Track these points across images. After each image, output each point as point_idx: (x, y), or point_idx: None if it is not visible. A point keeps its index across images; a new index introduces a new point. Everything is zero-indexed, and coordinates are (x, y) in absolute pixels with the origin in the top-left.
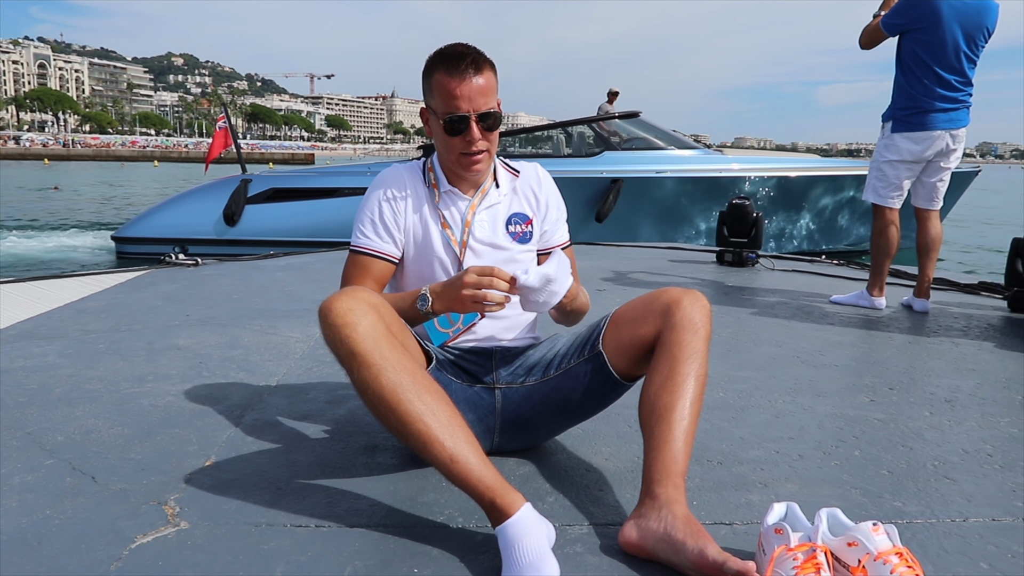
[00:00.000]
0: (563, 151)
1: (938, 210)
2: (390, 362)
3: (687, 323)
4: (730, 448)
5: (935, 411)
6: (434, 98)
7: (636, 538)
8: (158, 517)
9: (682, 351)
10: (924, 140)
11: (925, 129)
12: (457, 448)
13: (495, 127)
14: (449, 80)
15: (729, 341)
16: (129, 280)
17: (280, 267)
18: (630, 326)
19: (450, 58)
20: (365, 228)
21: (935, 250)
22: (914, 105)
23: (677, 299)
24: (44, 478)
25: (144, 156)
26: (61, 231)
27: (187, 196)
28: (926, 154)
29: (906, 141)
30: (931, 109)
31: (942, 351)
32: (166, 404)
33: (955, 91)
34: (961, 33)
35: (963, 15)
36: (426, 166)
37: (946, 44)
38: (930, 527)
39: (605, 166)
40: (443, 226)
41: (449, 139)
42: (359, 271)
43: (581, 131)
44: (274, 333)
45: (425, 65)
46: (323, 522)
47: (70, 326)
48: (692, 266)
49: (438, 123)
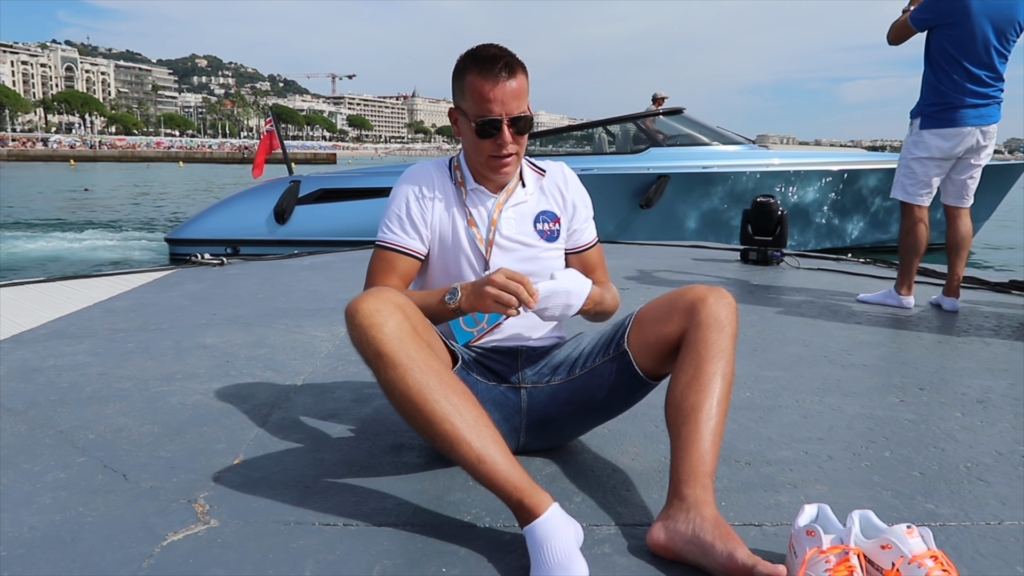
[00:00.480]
0: (606, 148)
1: (968, 208)
2: (416, 363)
3: (713, 321)
4: (758, 448)
5: (967, 412)
6: (466, 99)
7: (664, 540)
8: (188, 515)
9: (708, 349)
10: (954, 137)
11: (955, 125)
12: (484, 448)
13: (526, 131)
14: (483, 83)
15: (755, 340)
16: (156, 280)
17: (304, 266)
18: (655, 324)
19: (484, 60)
20: (392, 224)
21: (965, 248)
22: (943, 101)
23: (702, 297)
24: (76, 475)
25: (169, 157)
26: (111, 230)
27: (238, 198)
28: (956, 151)
29: (935, 138)
30: (961, 105)
31: (973, 351)
32: (194, 403)
33: (985, 87)
34: (991, 27)
35: (993, 9)
36: (452, 164)
37: (975, 39)
38: (964, 530)
39: (651, 162)
40: (470, 223)
41: (480, 142)
42: (385, 267)
43: (626, 128)
44: (299, 332)
45: (457, 65)
46: (351, 521)
47: (99, 325)
48: (716, 264)
49: (469, 125)
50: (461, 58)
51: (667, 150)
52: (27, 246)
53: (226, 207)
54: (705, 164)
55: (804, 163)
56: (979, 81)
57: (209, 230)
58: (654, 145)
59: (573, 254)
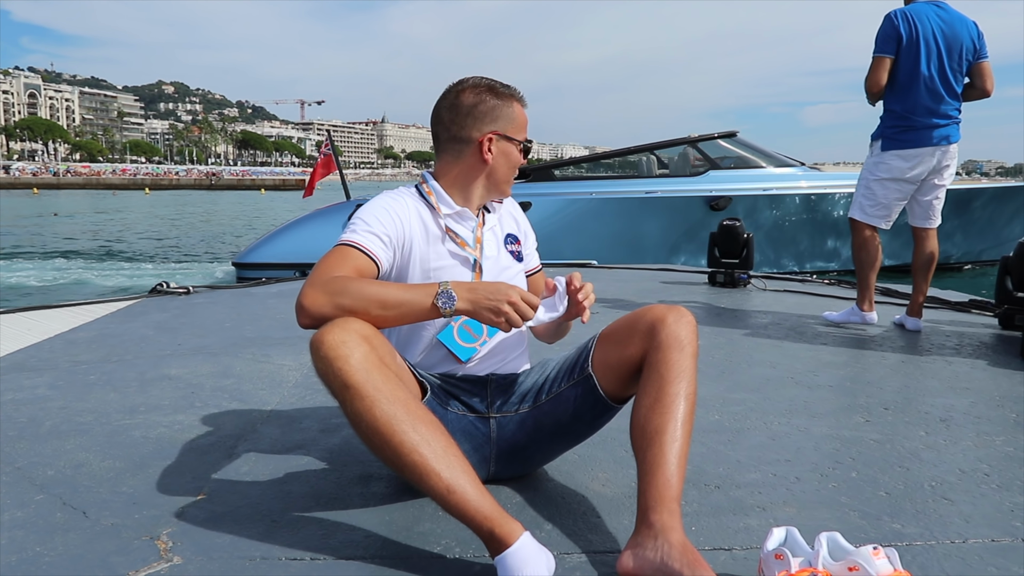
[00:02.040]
0: (655, 171)
1: (935, 228)
2: (383, 393)
3: (673, 341)
4: (727, 472)
5: (931, 431)
6: (511, 124)
7: (633, 567)
8: (151, 552)
9: (670, 370)
10: (915, 157)
11: (916, 146)
12: (453, 478)
13: None
14: (523, 111)
15: (723, 363)
16: (120, 310)
17: (272, 294)
18: (617, 347)
19: (518, 93)
20: (360, 229)
21: (930, 269)
22: (904, 123)
23: (661, 317)
24: (34, 514)
25: (135, 184)
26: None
27: (305, 221)
28: (915, 171)
29: (896, 159)
30: (921, 126)
31: (935, 370)
32: (158, 436)
33: (946, 106)
34: (945, 48)
35: (944, 31)
36: (423, 190)
37: (932, 60)
38: (930, 549)
39: (712, 184)
40: (461, 244)
41: (518, 163)
42: (340, 259)
43: (684, 151)
44: (267, 361)
45: (494, 91)
46: (318, 555)
47: (60, 357)
48: (684, 287)
49: (513, 148)
50: (498, 87)
51: (726, 172)
52: (101, 281)
53: (293, 230)
54: (764, 186)
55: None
56: (940, 100)
57: (276, 254)
58: (712, 168)
59: (529, 276)
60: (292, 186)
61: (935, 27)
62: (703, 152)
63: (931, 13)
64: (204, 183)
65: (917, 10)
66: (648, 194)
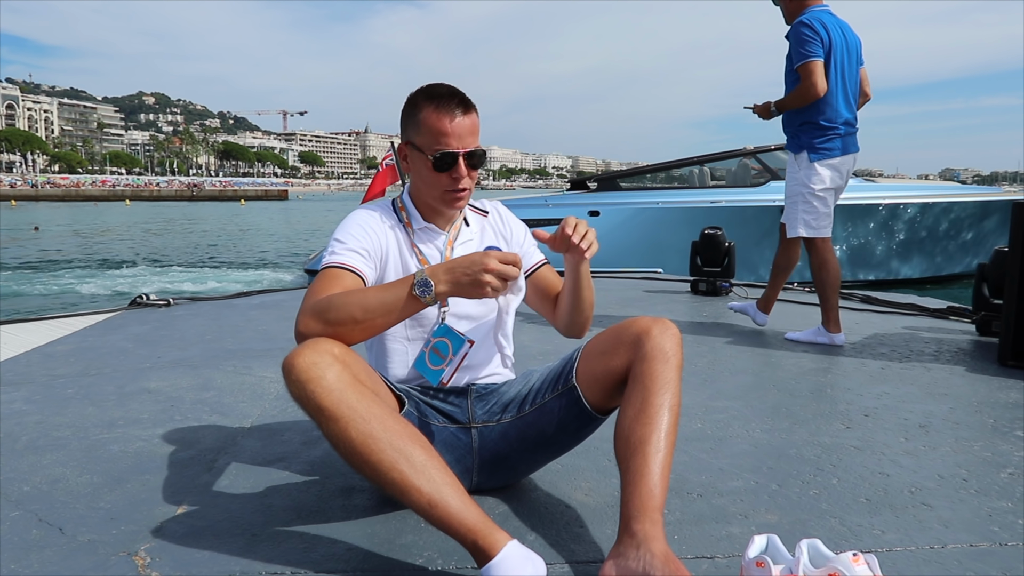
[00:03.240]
0: (708, 182)
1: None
2: (358, 412)
3: (658, 353)
4: (709, 480)
5: (910, 437)
6: (421, 134)
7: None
8: (128, 569)
9: (654, 382)
10: (842, 165)
11: (843, 154)
12: (435, 491)
13: (479, 166)
14: (440, 118)
15: (705, 371)
16: (99, 323)
17: (254, 306)
18: (601, 358)
19: (440, 96)
20: (338, 249)
21: (789, 273)
22: (831, 132)
23: (647, 329)
24: (9, 531)
25: (115, 195)
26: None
27: None
28: (843, 180)
29: (828, 169)
30: (843, 134)
31: (914, 376)
32: (136, 450)
33: (853, 113)
34: (848, 55)
35: (846, 38)
36: (396, 205)
37: (846, 69)
38: (909, 555)
39: (775, 195)
40: (421, 261)
41: (436, 176)
42: (329, 282)
43: (744, 162)
44: (248, 374)
45: (409, 100)
46: (299, 569)
47: (37, 371)
48: (666, 296)
49: (424, 159)
50: (414, 94)
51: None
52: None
53: None
54: None
55: (917, 196)
56: (851, 108)
57: None
58: (773, 178)
59: (528, 278)
60: (273, 196)
61: (840, 34)
62: (763, 163)
63: (833, 20)
64: (185, 194)
65: (823, 17)
66: (713, 204)
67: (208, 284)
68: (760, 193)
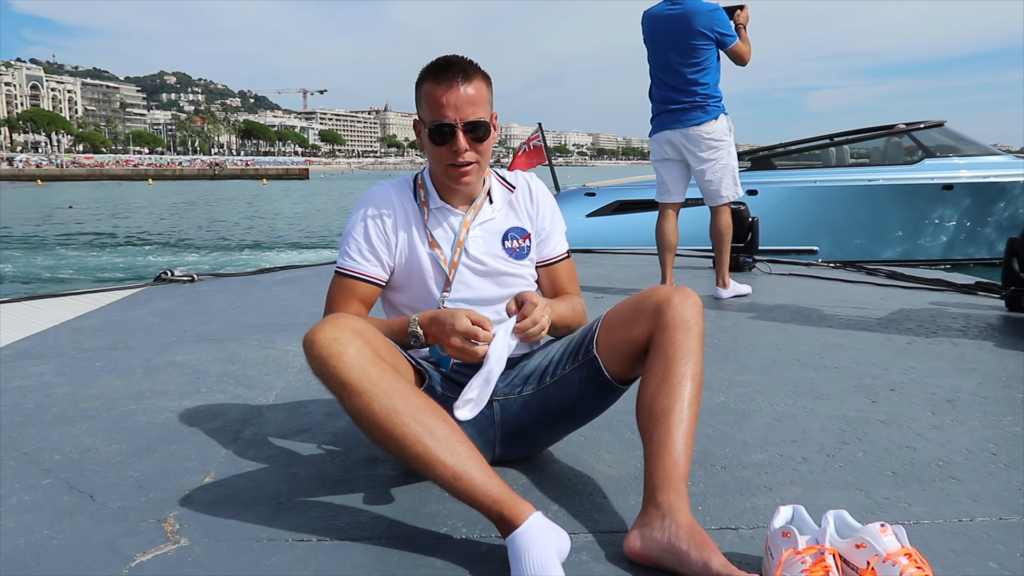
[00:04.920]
0: (846, 160)
1: None
2: (380, 387)
3: (679, 322)
4: (733, 452)
5: (937, 411)
6: (423, 108)
7: (640, 547)
8: (158, 534)
9: (676, 351)
10: (659, 140)
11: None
12: (459, 464)
13: (485, 138)
14: (436, 88)
15: (728, 345)
16: (125, 298)
17: (276, 281)
18: (622, 328)
19: (439, 68)
20: (350, 250)
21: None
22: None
23: (667, 297)
24: (42, 498)
25: (138, 175)
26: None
27: None
28: (669, 152)
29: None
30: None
31: (942, 351)
32: (164, 421)
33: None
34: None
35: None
36: (416, 182)
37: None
38: (937, 527)
39: (931, 172)
40: (432, 245)
41: (435, 148)
42: (344, 293)
43: (896, 140)
44: (272, 347)
45: (418, 76)
46: (325, 536)
47: (66, 345)
48: (690, 271)
49: (427, 133)
50: (422, 70)
51: (942, 160)
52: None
53: None
54: (987, 174)
55: None
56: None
57: None
58: (928, 156)
59: (542, 267)
60: (294, 175)
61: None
62: (917, 140)
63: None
64: (208, 173)
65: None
66: (870, 182)
67: (234, 260)
68: (916, 171)
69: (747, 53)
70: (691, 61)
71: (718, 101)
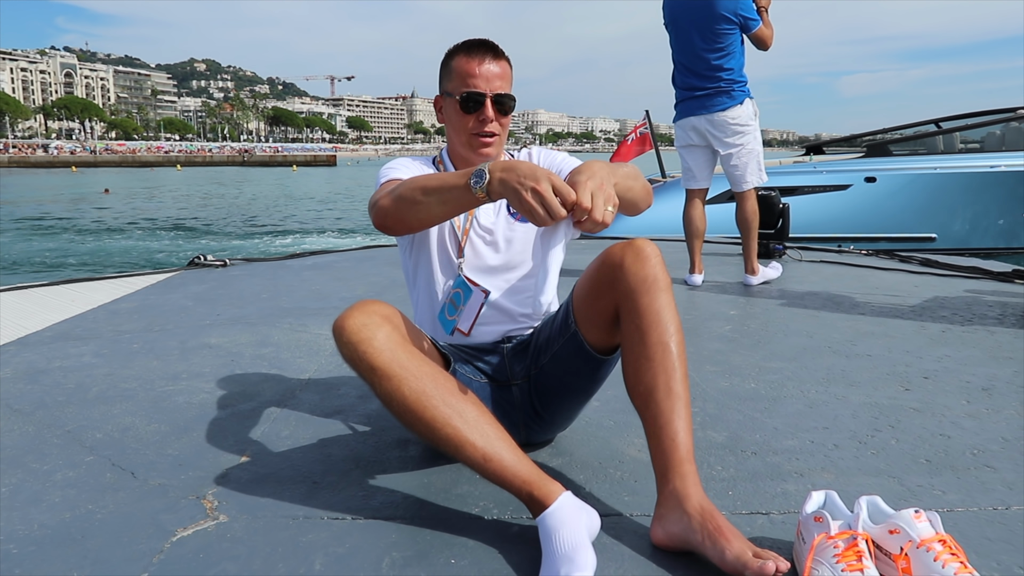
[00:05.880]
0: (955, 147)
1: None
2: (410, 371)
3: (638, 284)
4: (764, 438)
5: (972, 399)
6: (452, 80)
7: (663, 538)
8: (197, 511)
9: (643, 318)
10: (684, 126)
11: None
12: (489, 445)
13: (509, 111)
14: (469, 60)
15: (759, 332)
16: (160, 281)
17: (307, 266)
18: (587, 300)
19: (471, 44)
20: (391, 174)
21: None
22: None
23: (619, 260)
24: (85, 474)
25: (169, 161)
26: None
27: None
28: (694, 138)
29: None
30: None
31: (977, 339)
32: (200, 401)
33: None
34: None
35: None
36: (435, 161)
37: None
38: (972, 515)
39: None
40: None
41: (463, 116)
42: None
43: (1016, 125)
44: (304, 331)
45: (445, 55)
46: (359, 515)
47: (104, 327)
48: (718, 258)
49: (454, 103)
50: (449, 49)
51: None
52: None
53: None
54: None
55: None
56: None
57: (626, 229)
58: None
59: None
60: (322, 162)
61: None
62: None
63: None
64: (237, 160)
65: None
66: (992, 168)
67: (265, 245)
68: None
69: (769, 38)
70: (715, 46)
71: (743, 86)
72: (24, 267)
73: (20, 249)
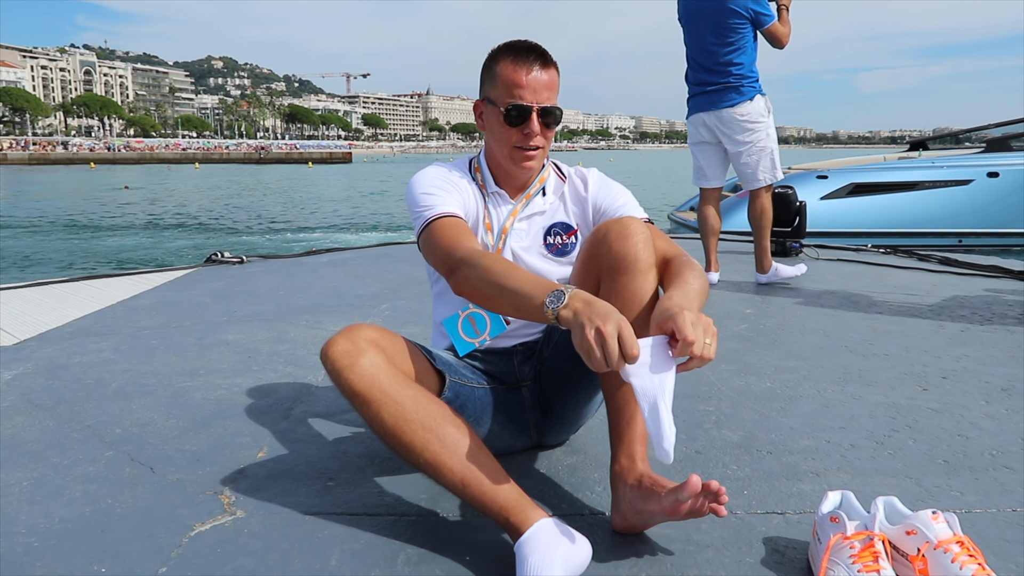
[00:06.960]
0: None
1: None
2: (390, 395)
3: (617, 262)
4: (779, 438)
5: (991, 400)
6: (496, 88)
7: (618, 523)
8: (215, 506)
9: (619, 299)
10: (694, 122)
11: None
12: (467, 471)
13: (554, 125)
14: (515, 70)
15: (774, 331)
16: (177, 278)
17: (323, 264)
18: (579, 278)
19: (518, 49)
20: (433, 203)
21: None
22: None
23: (603, 236)
24: (105, 469)
25: (187, 158)
26: None
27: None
28: (704, 135)
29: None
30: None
31: (997, 339)
32: (218, 397)
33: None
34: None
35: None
36: (472, 165)
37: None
38: (990, 516)
39: None
40: (487, 228)
41: (507, 130)
42: (451, 231)
43: None
44: (320, 328)
45: (489, 56)
46: (374, 511)
47: (123, 323)
48: (734, 256)
49: (497, 112)
50: (494, 50)
51: None
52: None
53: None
54: None
55: None
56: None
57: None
58: None
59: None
60: (338, 159)
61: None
62: None
63: None
64: (253, 157)
65: None
66: None
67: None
68: None
69: (785, 36)
70: (725, 41)
71: (754, 82)
72: (44, 263)
73: (40, 245)
